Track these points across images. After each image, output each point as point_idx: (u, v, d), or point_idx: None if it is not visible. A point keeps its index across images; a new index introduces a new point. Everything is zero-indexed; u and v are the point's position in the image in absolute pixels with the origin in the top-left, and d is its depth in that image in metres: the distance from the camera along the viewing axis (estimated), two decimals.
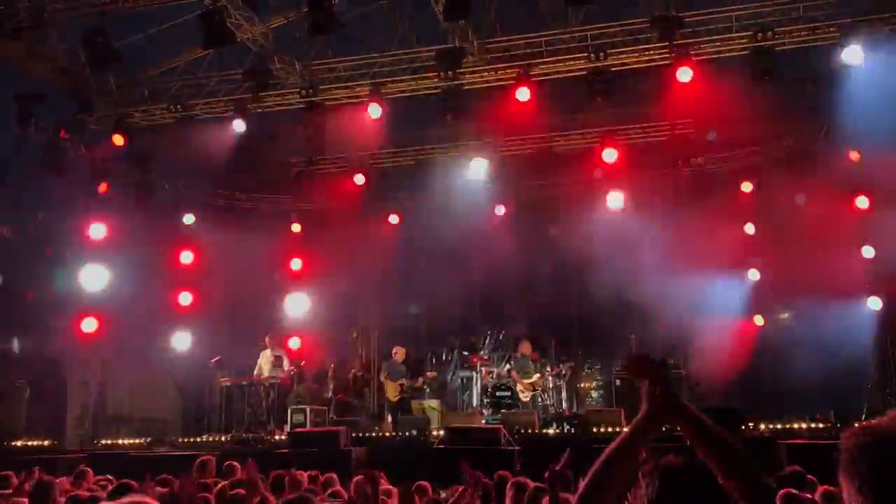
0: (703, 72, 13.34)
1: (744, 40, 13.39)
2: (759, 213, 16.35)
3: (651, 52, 13.86)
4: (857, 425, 1.76)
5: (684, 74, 13.19)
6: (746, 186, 16.65)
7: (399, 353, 16.23)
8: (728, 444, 2.39)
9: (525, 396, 15.40)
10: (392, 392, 15.78)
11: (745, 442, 2.77)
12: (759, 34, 13.10)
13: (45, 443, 14.36)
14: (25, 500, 5.98)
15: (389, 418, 15.83)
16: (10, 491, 6.65)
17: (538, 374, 15.62)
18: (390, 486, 7.07)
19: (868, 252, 14.81)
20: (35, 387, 14.93)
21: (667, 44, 13.38)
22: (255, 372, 15.39)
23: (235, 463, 8.41)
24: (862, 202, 14.92)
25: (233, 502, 5.63)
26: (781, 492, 3.91)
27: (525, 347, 15.92)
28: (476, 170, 16.71)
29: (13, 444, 13.95)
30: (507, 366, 16.62)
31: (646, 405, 2.41)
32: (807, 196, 15.02)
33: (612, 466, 2.36)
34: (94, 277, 15.57)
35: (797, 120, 15.61)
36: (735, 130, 15.67)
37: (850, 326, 13.95)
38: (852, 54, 12.64)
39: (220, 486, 6.49)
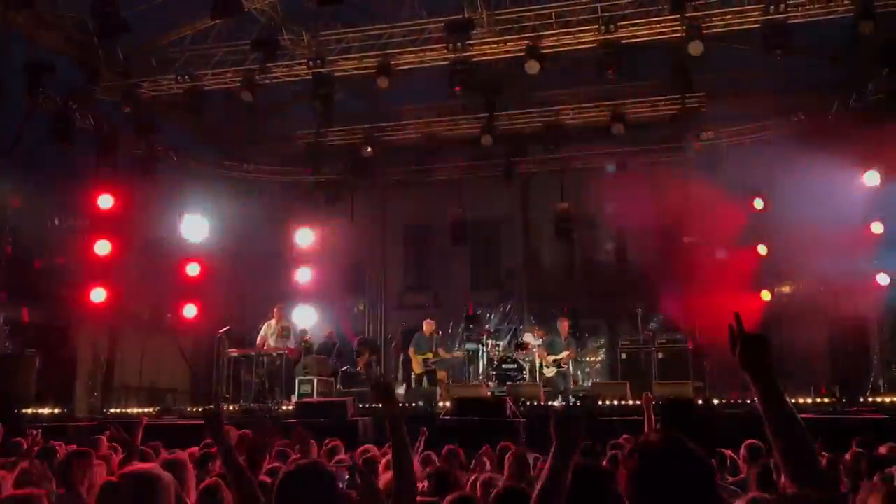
0: None
1: (756, 13, 13.20)
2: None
3: (662, 24, 13.72)
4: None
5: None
6: None
7: (428, 326, 16.32)
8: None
9: (549, 372, 15.35)
10: (418, 366, 16.06)
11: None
12: (772, 6, 12.90)
13: (56, 411, 14.50)
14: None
15: (400, 390, 15.93)
16: (14, 459, 6.72)
17: (566, 352, 15.49)
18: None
19: (877, 228, 14.78)
20: (45, 356, 15.03)
21: (678, 16, 13.24)
22: (258, 342, 15.50)
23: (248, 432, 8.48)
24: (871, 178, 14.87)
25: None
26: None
27: (564, 326, 15.79)
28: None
29: (24, 411, 14.06)
30: (518, 339, 16.54)
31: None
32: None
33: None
34: (101, 247, 15.64)
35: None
36: None
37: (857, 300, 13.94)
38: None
39: None
